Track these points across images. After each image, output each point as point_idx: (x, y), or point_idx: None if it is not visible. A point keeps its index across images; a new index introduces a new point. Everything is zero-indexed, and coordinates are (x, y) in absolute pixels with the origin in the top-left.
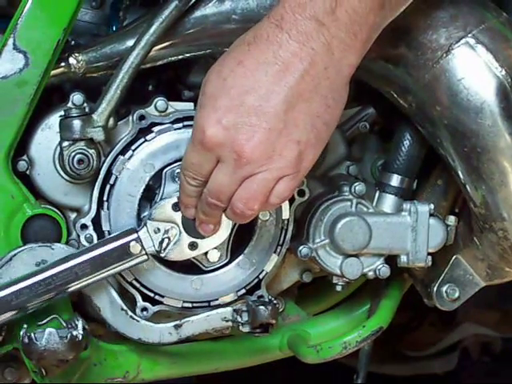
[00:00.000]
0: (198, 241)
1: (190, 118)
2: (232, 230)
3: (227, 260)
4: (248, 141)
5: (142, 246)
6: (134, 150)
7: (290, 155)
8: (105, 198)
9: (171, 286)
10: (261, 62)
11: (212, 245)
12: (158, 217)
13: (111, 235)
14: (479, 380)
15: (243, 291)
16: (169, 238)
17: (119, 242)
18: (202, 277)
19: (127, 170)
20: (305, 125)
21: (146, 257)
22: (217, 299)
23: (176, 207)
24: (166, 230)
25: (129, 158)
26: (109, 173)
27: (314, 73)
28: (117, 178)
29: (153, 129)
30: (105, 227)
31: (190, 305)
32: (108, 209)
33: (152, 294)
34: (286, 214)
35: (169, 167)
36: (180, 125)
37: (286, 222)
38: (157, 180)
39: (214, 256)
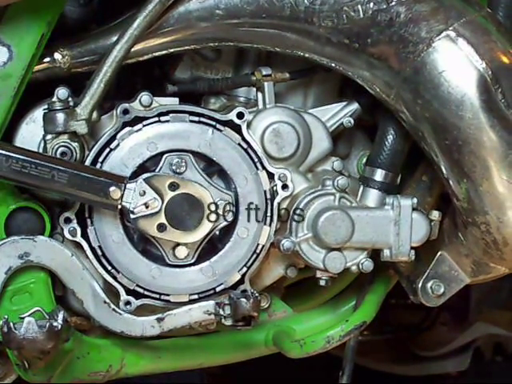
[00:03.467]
0: (170, 227)
1: (208, 116)
2: (207, 234)
3: (192, 261)
4: None
5: (122, 196)
6: (144, 126)
7: None
8: (100, 160)
9: (130, 266)
10: None
11: (179, 239)
12: (153, 183)
13: (105, 170)
14: (492, 380)
15: (196, 296)
16: (147, 207)
17: (106, 179)
18: (162, 268)
19: (131, 140)
20: None
21: (118, 205)
22: (168, 295)
23: (172, 187)
24: (151, 198)
25: (137, 131)
26: (113, 138)
27: None
28: (119, 144)
29: (170, 114)
30: None
31: (141, 290)
32: None
33: (109, 267)
34: (263, 239)
35: (170, 154)
36: (196, 118)
37: (260, 247)
38: (153, 164)
39: (181, 253)
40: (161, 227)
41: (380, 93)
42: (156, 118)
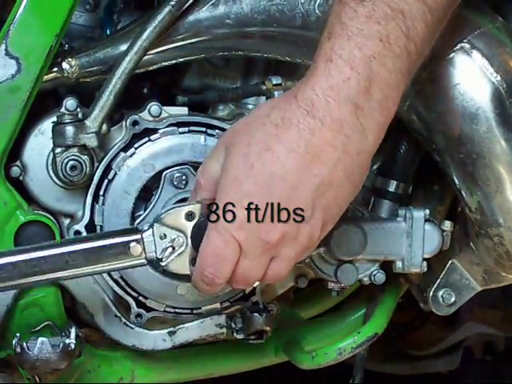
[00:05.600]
0: None
1: (196, 124)
2: None
3: None
4: (274, 227)
5: (144, 249)
6: (136, 148)
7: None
8: (101, 193)
9: (156, 289)
10: (291, 149)
11: None
12: (168, 222)
13: (113, 230)
14: (482, 379)
15: (227, 303)
16: (173, 248)
17: (120, 239)
18: (188, 284)
19: (127, 167)
20: (331, 209)
21: (144, 261)
22: (200, 308)
23: (189, 217)
24: (173, 238)
25: (130, 156)
26: (108, 168)
27: (347, 160)
28: (116, 173)
29: (158, 130)
30: (97, 222)
31: (172, 310)
32: (103, 204)
33: (136, 294)
34: None
35: (169, 170)
36: (186, 129)
37: None
38: (155, 182)
39: None
40: (194, 261)
41: None
42: (146, 138)
